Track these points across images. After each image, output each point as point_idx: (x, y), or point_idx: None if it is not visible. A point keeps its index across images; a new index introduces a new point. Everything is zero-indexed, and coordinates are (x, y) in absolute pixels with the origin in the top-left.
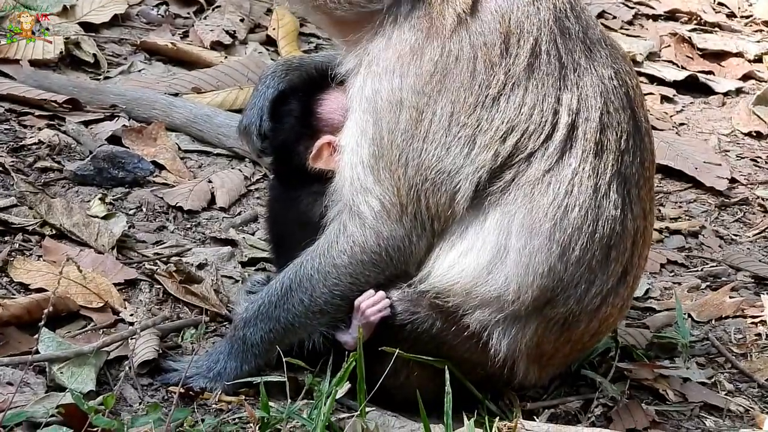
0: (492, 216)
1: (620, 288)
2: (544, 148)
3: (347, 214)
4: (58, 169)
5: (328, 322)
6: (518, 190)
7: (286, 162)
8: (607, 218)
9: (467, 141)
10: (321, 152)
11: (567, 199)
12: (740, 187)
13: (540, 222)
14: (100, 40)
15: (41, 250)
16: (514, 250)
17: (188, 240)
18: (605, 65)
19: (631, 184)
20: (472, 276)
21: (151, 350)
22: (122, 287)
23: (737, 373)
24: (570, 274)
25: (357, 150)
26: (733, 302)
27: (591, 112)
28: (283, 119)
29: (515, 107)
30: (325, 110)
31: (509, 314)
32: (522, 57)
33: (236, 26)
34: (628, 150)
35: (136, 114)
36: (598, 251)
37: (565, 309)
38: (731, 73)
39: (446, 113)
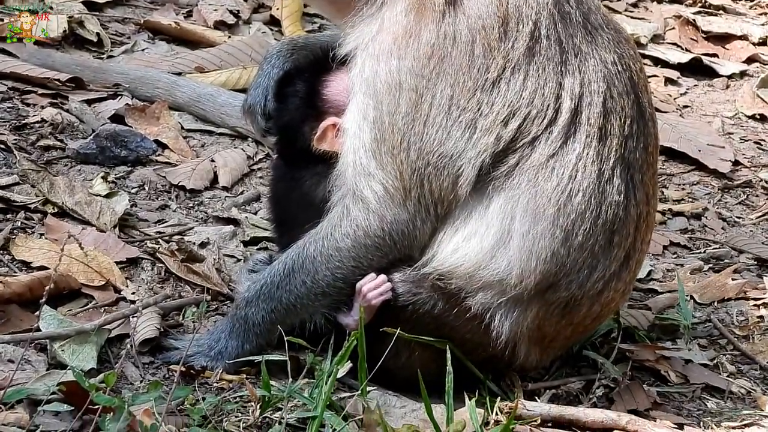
0: (496, 201)
1: (623, 273)
2: (547, 132)
3: (350, 198)
4: (60, 148)
5: (330, 303)
6: (522, 175)
7: (291, 143)
8: (611, 204)
9: (468, 125)
10: (326, 134)
11: (570, 185)
12: (743, 169)
13: (543, 207)
14: (103, 19)
15: (43, 228)
16: (518, 235)
17: (190, 219)
18: (608, 50)
19: (634, 170)
20: (476, 260)
21: (153, 328)
22: (124, 266)
23: (739, 355)
24: (573, 259)
25: (359, 134)
26: (736, 284)
27: (594, 96)
28: (288, 100)
29: (516, 91)
30: (331, 91)
31: (511, 297)
32: (521, 41)
33: (240, 6)
34: (631, 135)
35: (139, 93)
36: (601, 236)
37: (567, 293)
38: (735, 56)
39: (446, 96)
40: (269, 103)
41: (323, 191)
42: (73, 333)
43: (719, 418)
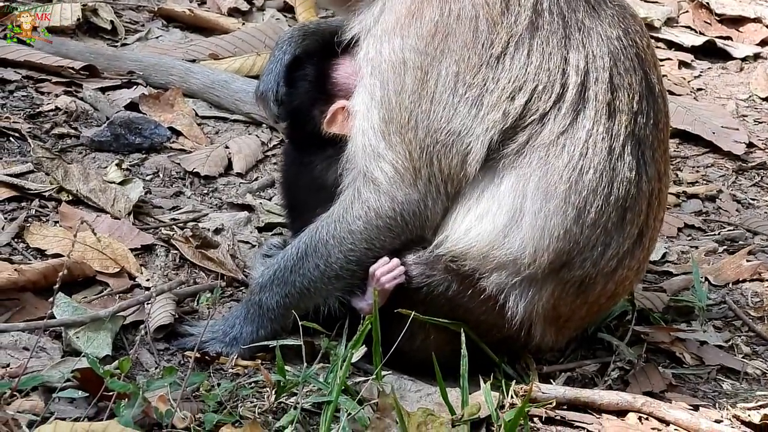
0: (507, 179)
1: (636, 250)
2: (555, 109)
3: (361, 180)
4: (75, 136)
5: (344, 287)
6: (533, 153)
7: (301, 127)
8: (622, 180)
9: (474, 101)
10: (335, 117)
11: (582, 161)
12: (758, 151)
13: (555, 184)
14: (117, 7)
15: (57, 216)
16: (530, 213)
17: (205, 205)
18: (612, 25)
19: (645, 146)
20: (488, 239)
21: (167, 315)
22: (138, 252)
23: (754, 336)
24: (586, 237)
25: (367, 115)
26: (750, 266)
27: (600, 72)
28: (297, 84)
29: (520, 66)
30: (340, 75)
31: (525, 277)
32: (524, 15)
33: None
34: (641, 111)
35: (153, 80)
36: (614, 213)
37: (581, 271)
38: (749, 39)
39: (451, 73)
40: (281, 89)
41: (334, 174)
42: (88, 320)
43: (735, 399)
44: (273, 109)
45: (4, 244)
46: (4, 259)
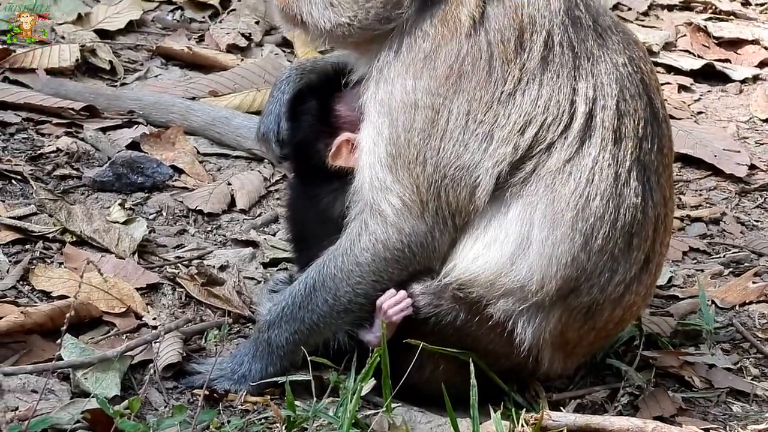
0: (514, 207)
1: (643, 276)
2: (563, 138)
3: (368, 212)
4: (77, 176)
5: (352, 320)
6: (539, 181)
7: (305, 160)
8: (629, 206)
9: (485, 137)
10: (340, 150)
11: (588, 188)
12: (760, 173)
13: (562, 212)
14: (115, 46)
15: (62, 257)
16: (537, 241)
17: (209, 243)
18: (618, 52)
19: (650, 171)
20: (496, 267)
21: (175, 353)
22: (144, 291)
23: (763, 358)
24: (593, 263)
25: (374, 150)
26: (757, 287)
27: (607, 99)
28: (301, 118)
29: (531, 100)
30: (344, 107)
31: (533, 304)
32: (536, 51)
33: (251, 29)
34: (646, 137)
35: (154, 119)
36: (621, 239)
37: (588, 298)
38: (748, 61)
39: (462, 112)
40: (282, 130)
41: (340, 207)
42: (96, 361)
43: (745, 421)
44: (275, 150)
45: (10, 287)
46: (10, 302)
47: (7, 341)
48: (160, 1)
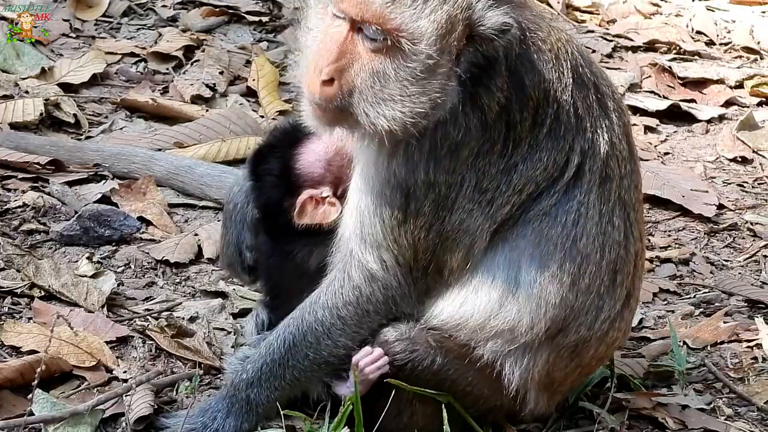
0: (502, 251)
1: (625, 311)
2: (553, 186)
3: (354, 265)
4: (44, 231)
5: (331, 371)
6: (526, 225)
7: (274, 219)
8: (613, 244)
9: (488, 203)
10: (304, 208)
11: (575, 229)
12: (728, 212)
13: (550, 253)
14: (80, 99)
15: (31, 312)
16: (526, 283)
17: (178, 294)
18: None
19: (630, 208)
20: (485, 311)
21: (147, 406)
22: (114, 345)
23: (736, 398)
24: (581, 302)
25: (377, 210)
26: (728, 327)
27: (598, 147)
28: (264, 178)
29: (533, 165)
30: (304, 165)
31: (522, 344)
32: (546, 124)
33: (216, 79)
34: (626, 175)
35: (117, 169)
36: (606, 277)
37: (576, 336)
38: (713, 100)
39: (472, 185)
40: (246, 257)
41: (317, 259)
42: (67, 415)
43: None
44: (244, 278)
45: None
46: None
47: None
48: (123, 54)
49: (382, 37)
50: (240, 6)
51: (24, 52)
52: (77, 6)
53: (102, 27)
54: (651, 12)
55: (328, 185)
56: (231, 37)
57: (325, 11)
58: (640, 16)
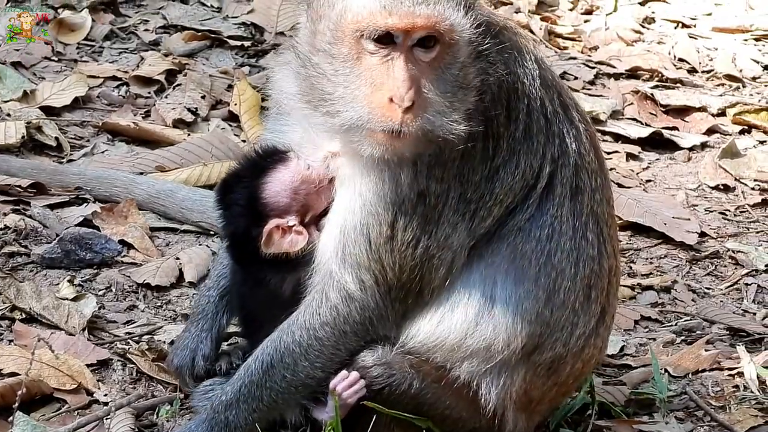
0: (477, 269)
1: (600, 328)
2: (526, 198)
3: (333, 286)
4: (25, 254)
5: (308, 394)
6: (501, 241)
7: (242, 248)
8: (587, 259)
9: (471, 216)
10: (271, 237)
11: (549, 245)
12: (710, 240)
13: (525, 269)
14: (61, 123)
15: (12, 334)
16: (501, 299)
17: (159, 318)
18: (573, 107)
19: (603, 222)
20: (461, 330)
21: (127, 429)
22: (95, 368)
23: (717, 426)
24: (556, 318)
25: (362, 230)
26: (709, 355)
27: (568, 156)
28: (230, 208)
29: (512, 170)
30: (270, 194)
31: (498, 362)
32: (521, 121)
33: (198, 103)
34: (597, 188)
35: (98, 192)
36: (581, 292)
37: (552, 353)
38: (695, 128)
39: (458, 194)
40: (198, 367)
41: (290, 285)
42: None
43: None
44: (189, 383)
45: None
46: None
47: None
48: (105, 77)
49: (433, 43)
50: (222, 31)
51: (6, 75)
52: (59, 29)
53: (84, 50)
54: (633, 39)
55: (294, 214)
56: (213, 61)
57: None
58: (623, 43)
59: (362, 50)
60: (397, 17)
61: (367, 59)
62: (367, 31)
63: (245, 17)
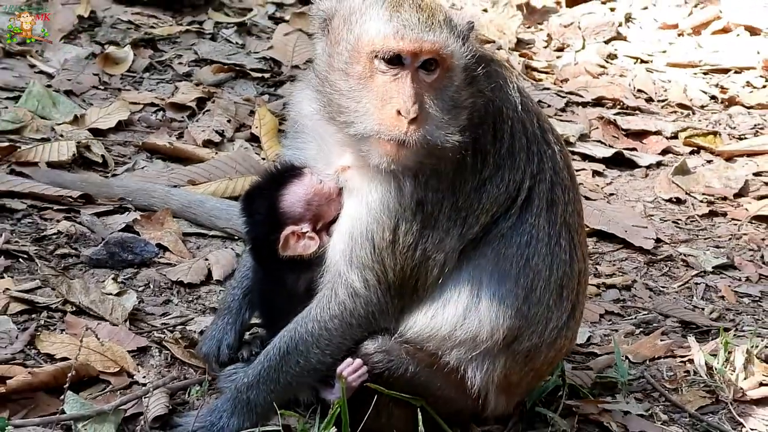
0: (466, 270)
1: (570, 322)
2: (508, 209)
3: (340, 284)
4: (75, 255)
5: (319, 377)
6: (486, 246)
7: (263, 251)
8: (560, 263)
9: (462, 222)
10: (287, 242)
11: (528, 249)
12: (665, 245)
13: (507, 270)
14: (107, 143)
15: (64, 324)
16: (486, 297)
17: (190, 311)
18: (550, 131)
19: (574, 231)
20: (451, 323)
21: (162, 407)
22: (135, 354)
23: (670, 406)
24: (533, 313)
25: (367, 235)
26: (664, 344)
27: (545, 173)
28: (252, 216)
29: (498, 183)
30: (286, 204)
31: (482, 351)
32: (505, 140)
33: (224, 126)
34: (569, 202)
35: (138, 203)
36: (554, 291)
37: (529, 343)
38: (652, 149)
39: (451, 203)
40: (223, 354)
41: (304, 284)
42: (94, 414)
43: None
44: (216, 368)
45: (18, 350)
46: (19, 363)
47: (16, 398)
48: (144, 104)
49: (434, 65)
50: (245, 64)
51: (59, 101)
52: (105, 63)
53: (127, 80)
54: (599, 73)
55: (308, 222)
56: (237, 90)
57: (370, 62)
58: (589, 75)
59: (375, 69)
60: (407, 42)
61: (378, 77)
62: (381, 52)
63: (265, 52)
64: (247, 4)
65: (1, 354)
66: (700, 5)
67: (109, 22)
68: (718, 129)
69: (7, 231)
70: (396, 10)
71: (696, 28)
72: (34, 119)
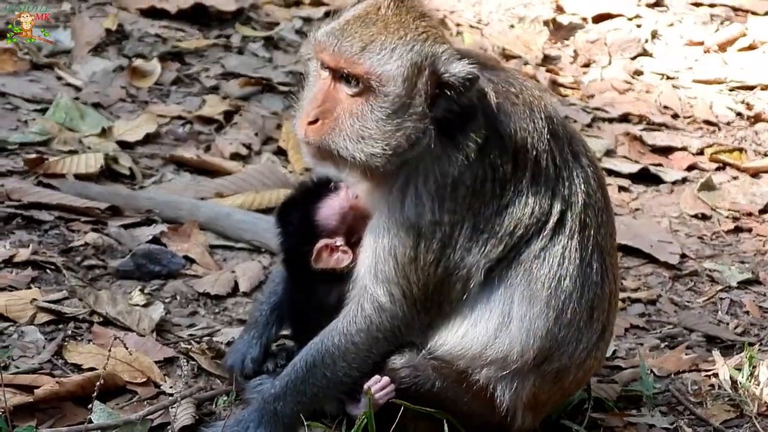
0: (497, 290)
1: (600, 342)
2: (541, 231)
3: (367, 298)
4: (103, 266)
5: (345, 390)
6: (519, 266)
7: (295, 262)
8: (591, 285)
9: (484, 242)
10: (320, 254)
11: (560, 271)
12: (690, 261)
13: (538, 291)
14: (135, 155)
15: (91, 335)
16: (517, 317)
17: (217, 322)
18: (583, 154)
19: (606, 253)
20: (482, 342)
21: (189, 417)
22: (162, 364)
23: (695, 419)
24: (563, 334)
25: (391, 251)
26: (689, 358)
27: (578, 197)
28: (286, 228)
29: (521, 208)
30: (321, 217)
31: (512, 371)
32: (528, 169)
33: (251, 139)
34: (602, 224)
35: (166, 215)
36: (585, 313)
37: (559, 364)
38: (677, 165)
39: (471, 225)
40: (247, 367)
41: (334, 296)
42: (121, 423)
43: None
44: (240, 382)
45: (46, 360)
46: (47, 373)
47: (44, 407)
48: (172, 117)
49: (356, 82)
50: (272, 78)
51: (87, 114)
52: (133, 75)
53: (154, 93)
54: (625, 89)
55: (341, 235)
56: (264, 104)
57: (318, 70)
58: (616, 92)
59: (318, 74)
60: (326, 54)
61: (317, 81)
62: (313, 56)
63: (291, 66)
64: (274, 18)
65: (29, 363)
66: (726, 22)
67: (137, 35)
68: (744, 145)
69: (34, 242)
70: (340, 23)
71: (722, 45)
72: (61, 131)
